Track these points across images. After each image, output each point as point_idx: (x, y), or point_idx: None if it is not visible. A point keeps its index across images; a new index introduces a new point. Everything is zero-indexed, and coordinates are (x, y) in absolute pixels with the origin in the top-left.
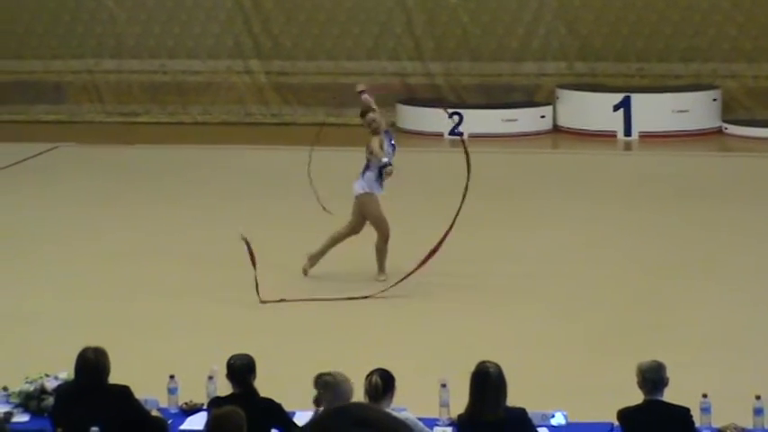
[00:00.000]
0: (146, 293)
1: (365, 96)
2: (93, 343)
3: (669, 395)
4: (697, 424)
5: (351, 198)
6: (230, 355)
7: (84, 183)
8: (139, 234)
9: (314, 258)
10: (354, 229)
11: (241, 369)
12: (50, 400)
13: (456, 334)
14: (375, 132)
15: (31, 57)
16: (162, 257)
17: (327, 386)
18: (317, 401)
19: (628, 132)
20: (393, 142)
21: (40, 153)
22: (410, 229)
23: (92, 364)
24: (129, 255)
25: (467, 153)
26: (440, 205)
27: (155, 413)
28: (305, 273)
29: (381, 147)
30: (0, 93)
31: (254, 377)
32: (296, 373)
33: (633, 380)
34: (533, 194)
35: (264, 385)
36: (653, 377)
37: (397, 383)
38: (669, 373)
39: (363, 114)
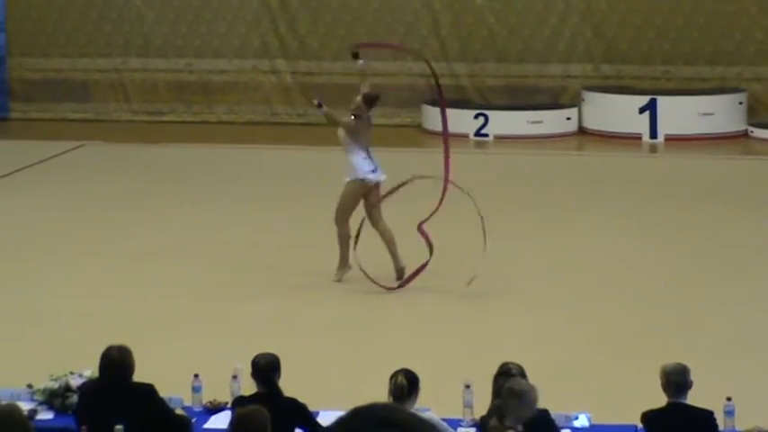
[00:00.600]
0: (171, 292)
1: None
2: (118, 341)
3: (693, 398)
4: (721, 427)
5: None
6: (254, 354)
7: (109, 181)
8: (165, 233)
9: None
10: (371, 216)
11: (266, 368)
12: (75, 398)
13: (479, 335)
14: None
15: (59, 55)
16: (187, 256)
17: (513, 393)
18: (497, 413)
19: (653, 135)
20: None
21: (67, 151)
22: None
23: (116, 362)
24: (154, 253)
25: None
26: (462, 207)
27: (179, 412)
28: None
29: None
30: (28, 91)
31: (279, 376)
32: (319, 373)
33: (656, 382)
34: (557, 196)
35: (288, 384)
36: (677, 380)
37: (421, 384)
38: (693, 376)
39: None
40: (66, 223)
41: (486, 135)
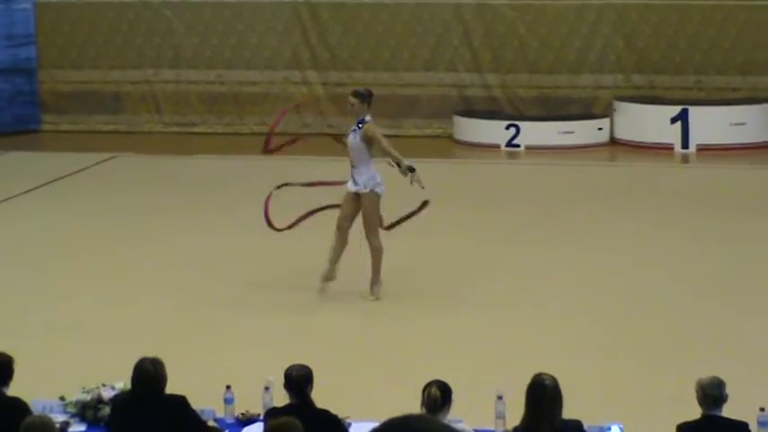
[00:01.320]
0: (203, 302)
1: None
2: (151, 353)
3: (726, 408)
4: None
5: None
6: (287, 365)
7: (141, 192)
8: (197, 244)
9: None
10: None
11: (298, 380)
12: (107, 410)
13: (511, 345)
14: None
15: (90, 67)
16: (219, 267)
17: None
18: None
19: (685, 145)
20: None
21: (99, 163)
22: (461, 240)
23: (149, 374)
24: (186, 264)
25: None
26: (493, 216)
27: (211, 423)
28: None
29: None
30: (59, 103)
31: (311, 388)
32: (351, 384)
33: (690, 392)
34: (589, 206)
35: (320, 396)
36: (713, 393)
37: (454, 395)
38: (726, 386)
39: (354, 94)
40: (98, 234)
41: (518, 146)
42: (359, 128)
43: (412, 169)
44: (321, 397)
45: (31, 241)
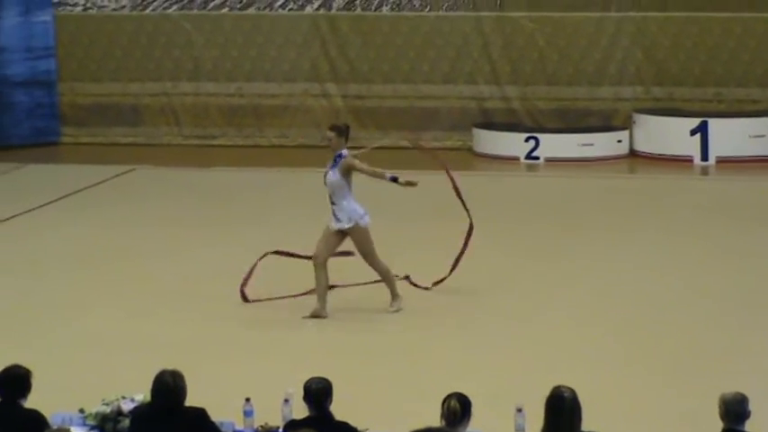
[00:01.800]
0: (222, 315)
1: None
2: (170, 365)
3: (749, 424)
4: None
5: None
6: (305, 378)
7: (160, 205)
8: (216, 256)
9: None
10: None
11: (318, 392)
12: (127, 423)
13: (530, 357)
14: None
15: (109, 80)
16: (238, 280)
17: None
18: None
19: (705, 157)
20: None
21: (118, 175)
22: (480, 252)
23: (169, 386)
24: (206, 276)
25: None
26: (512, 229)
27: None
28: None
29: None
30: (79, 115)
31: (331, 401)
32: (371, 396)
33: (711, 406)
34: (609, 218)
35: (339, 408)
36: (736, 409)
37: (473, 408)
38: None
39: (330, 128)
40: (117, 247)
41: (537, 158)
42: (336, 162)
43: (395, 179)
44: (340, 409)
45: (50, 253)
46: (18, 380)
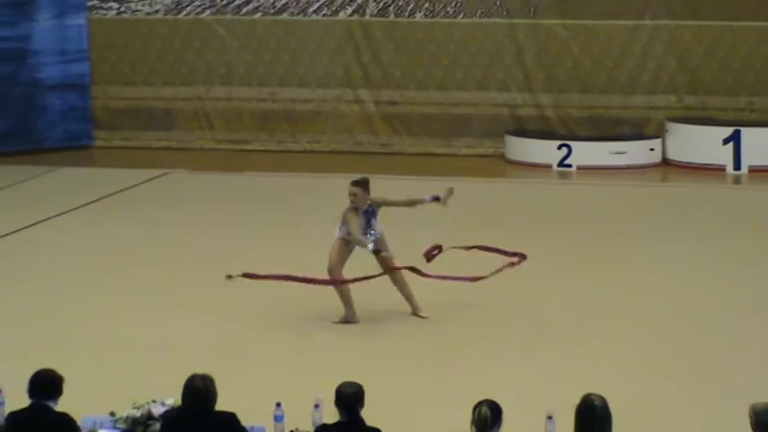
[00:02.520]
0: (253, 319)
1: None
2: (201, 369)
3: None
4: None
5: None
6: (336, 382)
7: (193, 209)
8: (249, 260)
9: (413, 305)
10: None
11: (350, 397)
12: (157, 426)
13: (560, 366)
14: (353, 208)
15: (143, 84)
16: (270, 284)
17: None
18: None
19: (737, 166)
20: (372, 227)
21: (151, 179)
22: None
23: (199, 390)
24: (238, 281)
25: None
26: (544, 237)
27: None
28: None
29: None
30: (111, 119)
31: (362, 406)
32: (401, 403)
33: (739, 416)
34: (641, 227)
35: (370, 414)
36: (767, 420)
37: (504, 415)
38: None
39: (355, 184)
40: (149, 250)
41: (570, 165)
42: (372, 212)
43: (437, 198)
44: (371, 415)
45: (82, 256)
46: (49, 384)
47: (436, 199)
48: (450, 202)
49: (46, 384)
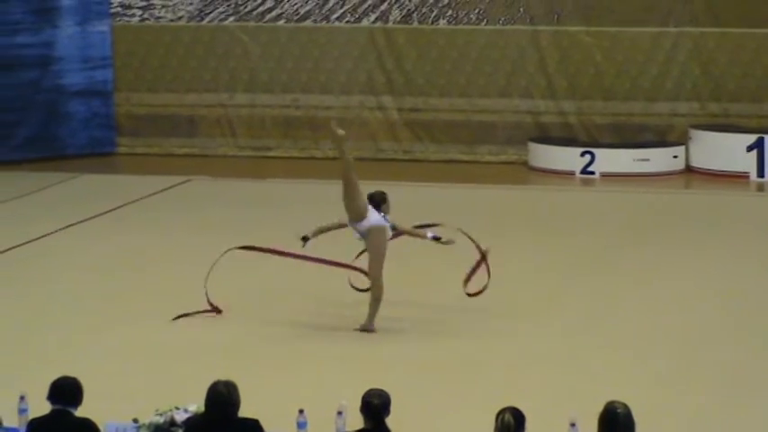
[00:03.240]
0: (275, 326)
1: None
2: (224, 376)
3: None
4: None
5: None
6: (359, 389)
7: (215, 215)
8: (272, 267)
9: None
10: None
11: (378, 406)
12: None
13: (583, 373)
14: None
15: (165, 90)
16: (294, 291)
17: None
18: None
19: (761, 173)
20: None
21: (174, 185)
22: (535, 266)
23: (223, 397)
24: (261, 288)
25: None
26: (567, 243)
27: None
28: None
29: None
30: (135, 125)
31: (388, 414)
32: (425, 409)
33: (763, 425)
34: (664, 234)
35: (393, 421)
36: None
37: (527, 422)
38: None
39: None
40: (172, 257)
41: (593, 173)
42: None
43: (437, 238)
44: (393, 422)
45: (106, 262)
46: (69, 390)
47: (436, 239)
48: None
49: (67, 390)
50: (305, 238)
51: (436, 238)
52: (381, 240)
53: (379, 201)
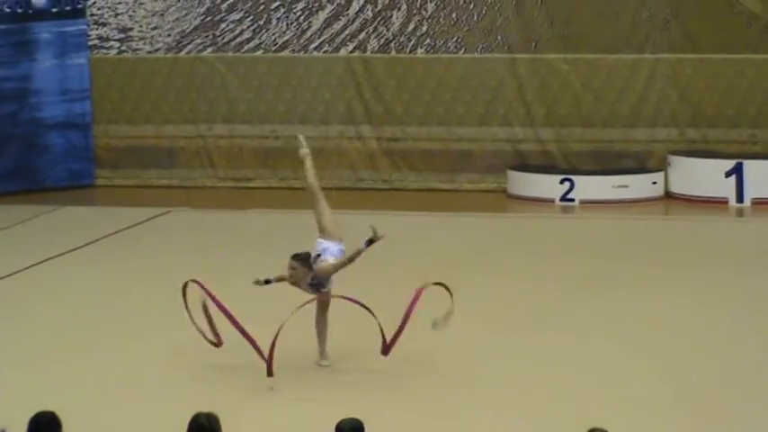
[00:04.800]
0: (255, 358)
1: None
2: (205, 408)
3: None
4: None
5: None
6: (341, 416)
7: (196, 248)
8: (255, 298)
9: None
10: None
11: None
12: None
13: (565, 398)
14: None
15: (144, 122)
16: (270, 318)
17: None
18: None
19: (740, 199)
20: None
21: (153, 217)
22: (516, 294)
23: (204, 428)
24: (244, 319)
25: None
26: (547, 271)
27: None
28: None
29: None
30: (113, 158)
31: None
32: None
33: None
34: (645, 261)
35: None
36: None
37: None
38: None
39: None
40: (152, 290)
41: (572, 200)
42: (319, 284)
43: (371, 241)
44: None
45: (85, 295)
46: (47, 425)
47: (370, 242)
48: (377, 237)
49: (44, 425)
50: (267, 281)
51: (370, 242)
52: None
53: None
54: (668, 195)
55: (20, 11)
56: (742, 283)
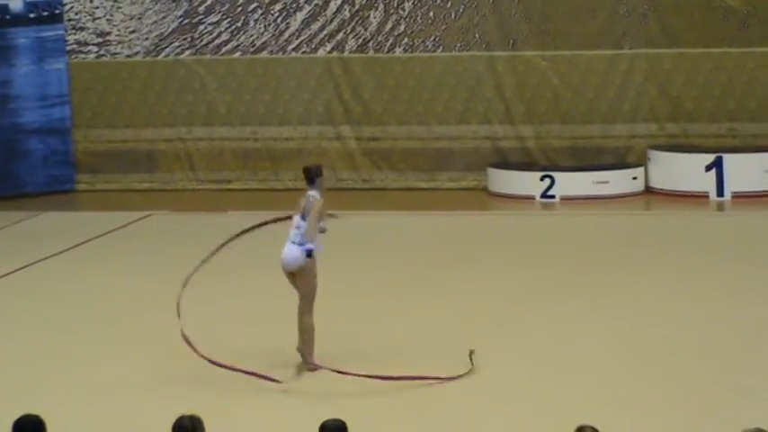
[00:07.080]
0: (241, 357)
1: None
2: (189, 409)
3: None
4: None
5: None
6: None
7: (176, 251)
8: (238, 300)
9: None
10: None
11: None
12: None
13: (548, 398)
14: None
15: (124, 126)
16: (260, 324)
17: None
18: None
19: (720, 193)
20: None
21: (134, 221)
22: (496, 292)
23: (188, 431)
24: (227, 321)
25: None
26: (529, 268)
27: None
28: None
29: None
30: (93, 162)
31: None
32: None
33: None
34: (625, 256)
35: None
36: None
37: None
38: None
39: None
40: (133, 294)
41: (553, 196)
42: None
43: (323, 230)
44: None
45: (66, 301)
46: (32, 428)
47: (322, 230)
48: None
49: (29, 429)
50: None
51: (322, 230)
52: (312, 276)
53: (314, 175)
54: (648, 190)
55: None
56: (723, 276)
